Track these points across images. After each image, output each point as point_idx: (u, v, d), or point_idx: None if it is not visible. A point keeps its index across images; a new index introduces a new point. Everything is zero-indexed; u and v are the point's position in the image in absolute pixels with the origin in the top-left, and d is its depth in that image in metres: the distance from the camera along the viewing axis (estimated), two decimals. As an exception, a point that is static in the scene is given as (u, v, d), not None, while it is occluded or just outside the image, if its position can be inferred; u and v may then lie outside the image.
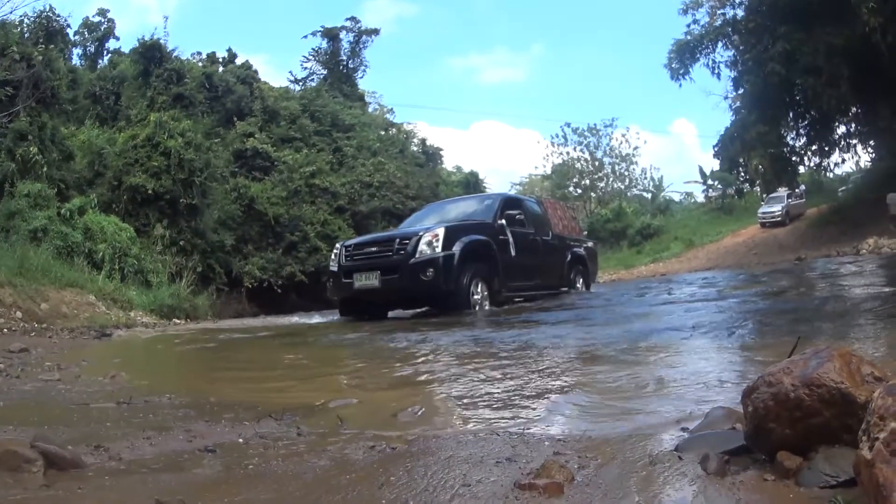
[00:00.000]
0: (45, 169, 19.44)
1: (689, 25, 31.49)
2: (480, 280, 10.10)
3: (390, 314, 11.02)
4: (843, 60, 24.13)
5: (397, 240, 10.16)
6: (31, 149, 19.38)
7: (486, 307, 10.09)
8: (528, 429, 2.60)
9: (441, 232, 9.75)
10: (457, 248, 9.71)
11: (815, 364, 1.80)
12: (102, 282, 15.34)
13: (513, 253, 10.78)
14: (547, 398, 3.23)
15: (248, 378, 5.05)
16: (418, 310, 11.10)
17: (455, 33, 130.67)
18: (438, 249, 9.56)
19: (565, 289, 13.01)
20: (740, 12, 29.89)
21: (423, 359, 4.96)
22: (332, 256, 11.23)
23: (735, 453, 1.92)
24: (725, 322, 5.97)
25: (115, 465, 2.21)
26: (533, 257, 11.74)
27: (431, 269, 9.48)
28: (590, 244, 15.52)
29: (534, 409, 3.02)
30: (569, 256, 13.39)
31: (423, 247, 9.62)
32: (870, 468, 1.33)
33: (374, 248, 10.38)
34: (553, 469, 1.86)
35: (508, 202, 12.01)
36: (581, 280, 13.89)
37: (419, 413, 3.00)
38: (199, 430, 2.79)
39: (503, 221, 10.98)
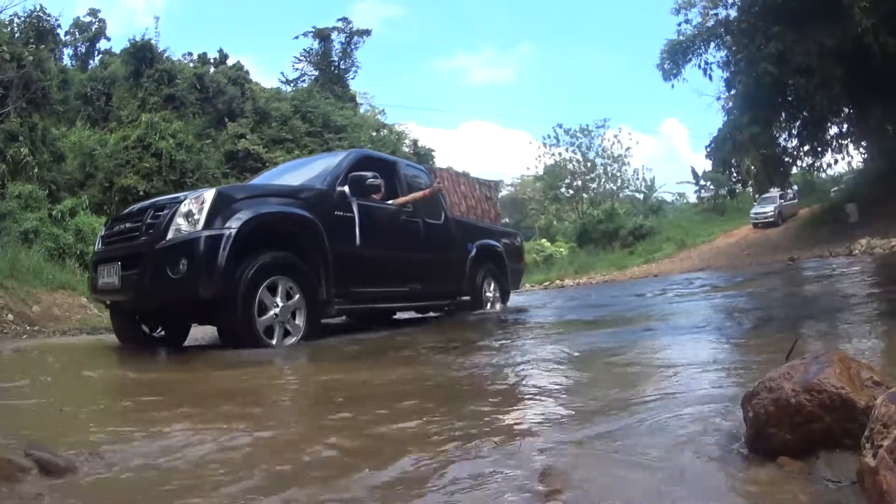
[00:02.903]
0: (36, 170, 19.43)
1: (680, 25, 31.54)
2: (287, 282, 6.16)
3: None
4: (836, 61, 24.20)
5: (150, 211, 6.24)
6: (22, 150, 19.36)
7: (298, 335, 6.19)
8: None
9: (209, 197, 5.91)
10: (233, 226, 5.83)
11: (815, 369, 1.80)
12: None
13: (358, 240, 7.05)
14: None
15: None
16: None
17: (442, 34, 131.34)
18: (199, 226, 5.75)
19: (466, 298, 9.40)
20: (733, 13, 29.93)
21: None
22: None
23: (735, 458, 1.91)
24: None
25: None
26: (404, 249, 8.20)
27: (185, 261, 5.65)
28: (512, 237, 11.49)
29: None
30: (473, 252, 9.54)
31: (179, 221, 5.85)
32: (873, 475, 1.32)
33: (124, 226, 6.60)
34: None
35: (363, 162, 7.95)
36: (493, 287, 10.10)
37: None
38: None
39: (346, 189, 7.18)
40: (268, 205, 6.46)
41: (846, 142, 32.98)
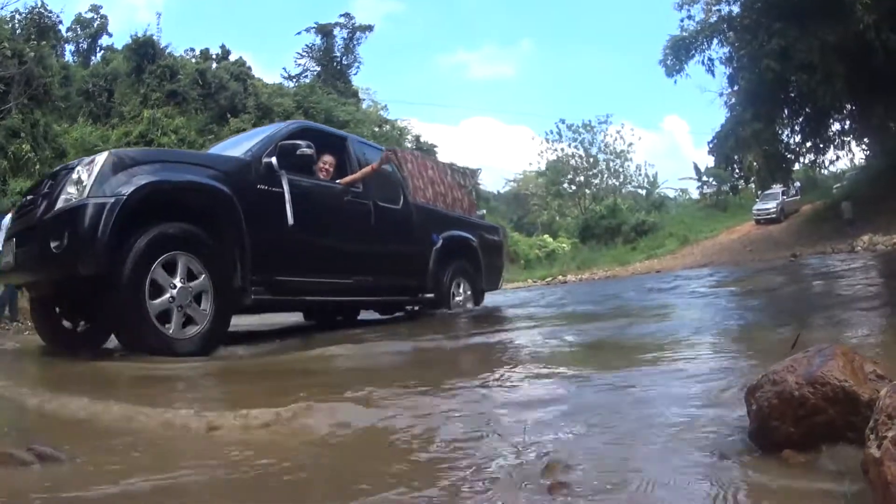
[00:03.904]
0: (37, 166, 19.44)
1: (682, 21, 31.50)
2: (190, 260, 5.23)
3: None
4: (838, 58, 24.21)
5: (48, 181, 5.48)
6: (24, 146, 19.37)
7: (202, 324, 5.22)
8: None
9: (100, 160, 5.03)
10: (123, 192, 4.91)
11: (818, 362, 1.79)
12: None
13: (290, 220, 6.15)
14: None
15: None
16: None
17: (443, 30, 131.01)
18: (86, 193, 4.85)
19: (430, 296, 8.41)
20: (735, 8, 29.92)
21: None
22: None
23: (739, 451, 1.91)
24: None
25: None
26: (349, 235, 7.21)
27: (67, 233, 4.81)
28: (490, 231, 10.39)
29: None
30: (439, 243, 8.54)
31: (69, 189, 4.99)
32: (878, 466, 1.32)
33: (27, 198, 5.82)
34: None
35: (303, 133, 6.98)
36: (464, 285, 9.14)
37: None
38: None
39: (273, 161, 6.22)
40: (170, 172, 5.46)
41: (848, 138, 33.05)
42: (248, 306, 6.11)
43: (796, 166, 34.20)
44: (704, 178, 55.12)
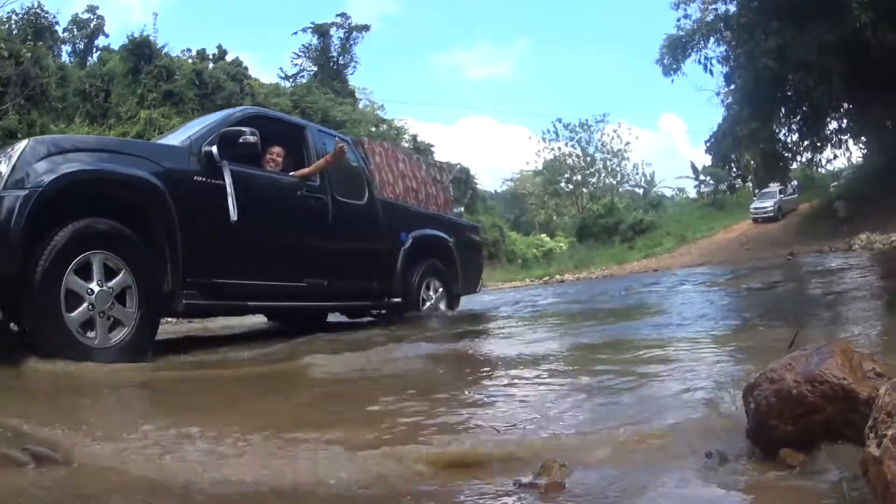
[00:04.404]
0: (34, 167, 19.37)
1: (679, 20, 31.50)
2: (111, 258, 4.67)
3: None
4: (835, 56, 24.20)
5: None
6: (21, 146, 19.31)
7: (129, 325, 4.70)
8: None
9: (19, 148, 4.64)
10: (41, 183, 4.45)
11: (816, 360, 1.79)
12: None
13: (232, 215, 5.50)
14: None
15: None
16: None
17: (438, 29, 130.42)
18: (1, 184, 4.45)
19: (397, 300, 7.66)
20: (732, 7, 29.90)
21: None
22: None
23: (737, 450, 1.90)
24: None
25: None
26: (301, 233, 6.58)
27: None
28: (468, 230, 9.67)
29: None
30: (409, 242, 7.81)
31: None
32: (878, 465, 1.31)
33: None
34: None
35: (250, 120, 6.34)
36: (436, 288, 8.34)
37: None
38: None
39: (213, 150, 5.58)
40: (95, 161, 4.91)
41: (845, 137, 33.04)
42: (181, 312, 5.65)
43: (793, 165, 34.16)
44: (702, 177, 55.14)
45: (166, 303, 5.24)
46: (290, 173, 6.71)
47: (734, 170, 33.10)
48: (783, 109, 30.30)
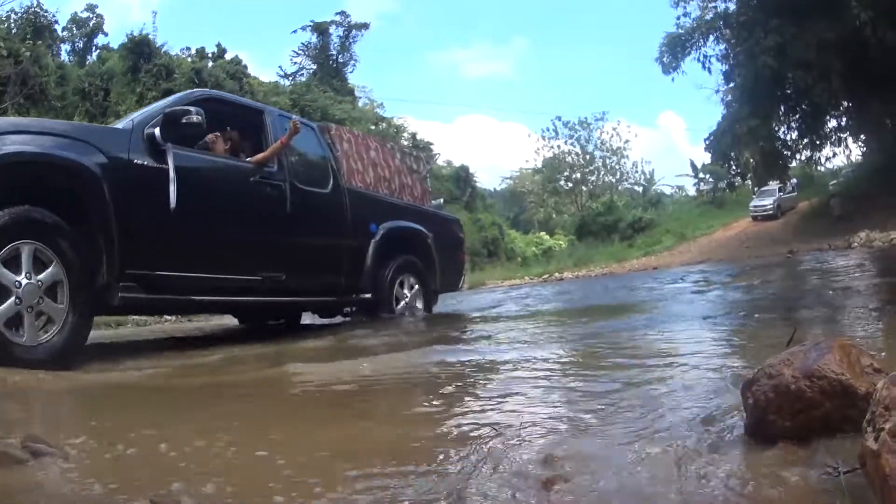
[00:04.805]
0: (34, 165, 19.38)
1: (678, 18, 31.50)
2: (38, 249, 4.31)
3: None
4: (835, 54, 24.22)
5: None
6: (20, 145, 19.30)
7: (61, 321, 4.39)
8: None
9: None
10: None
11: (815, 356, 1.79)
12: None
13: (173, 202, 5.11)
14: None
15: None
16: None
17: (437, 27, 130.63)
18: None
19: (367, 296, 7.17)
20: (731, 5, 29.95)
21: None
22: None
23: (735, 445, 1.91)
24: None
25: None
26: (256, 222, 6.16)
27: None
28: (447, 223, 9.18)
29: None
30: (379, 234, 7.29)
31: None
32: (876, 459, 1.31)
33: None
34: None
35: (201, 102, 5.78)
36: (412, 286, 7.76)
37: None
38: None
39: (156, 132, 5.20)
40: (23, 144, 4.53)
41: (845, 135, 33.08)
42: (117, 307, 5.13)
43: (793, 163, 34.18)
44: (701, 175, 55.16)
45: (101, 297, 4.85)
46: (248, 159, 6.30)
47: (734, 168, 33.13)
48: (783, 107, 30.32)
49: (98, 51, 36.13)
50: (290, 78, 46.75)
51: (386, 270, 7.33)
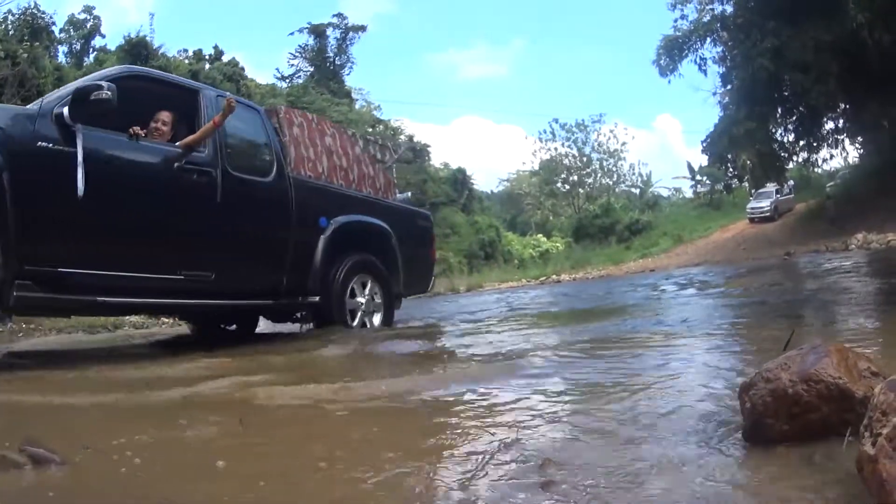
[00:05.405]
0: (31, 167, 19.35)
1: (676, 21, 31.50)
2: None
3: None
4: (832, 56, 24.22)
5: None
6: (17, 147, 19.28)
7: None
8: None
9: None
10: None
11: (812, 359, 1.80)
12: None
13: (80, 189, 4.51)
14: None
15: None
16: None
17: (433, 29, 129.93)
18: None
19: (315, 298, 6.38)
20: (729, 8, 29.94)
21: None
22: None
23: (733, 449, 1.91)
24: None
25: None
26: (180, 213, 5.47)
27: None
28: (414, 217, 8.35)
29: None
30: (331, 229, 6.51)
31: None
32: (873, 464, 1.32)
33: None
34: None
35: (125, 79, 5.36)
36: (371, 288, 6.86)
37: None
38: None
39: (64, 111, 4.63)
40: None
41: (842, 137, 33.01)
42: (11, 306, 4.58)
43: (790, 165, 34.16)
44: (698, 177, 55.15)
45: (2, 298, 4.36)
46: (177, 143, 5.58)
47: (730, 170, 33.12)
48: (779, 109, 30.30)
49: (95, 53, 36.13)
50: (288, 80, 46.81)
51: (338, 270, 6.49)
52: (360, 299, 6.72)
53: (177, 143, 5.53)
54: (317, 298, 6.36)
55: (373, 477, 1.90)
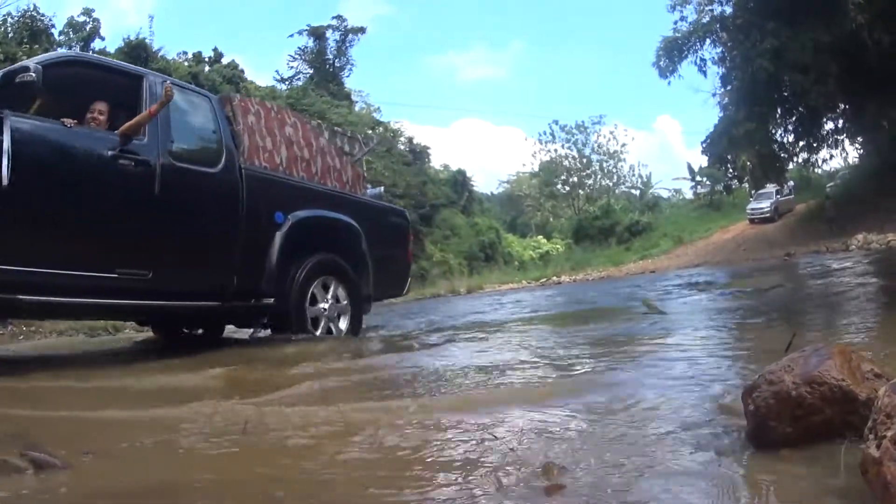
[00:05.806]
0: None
1: (676, 23, 31.52)
2: None
3: None
4: (831, 57, 24.24)
5: None
6: (17, 150, 19.30)
7: None
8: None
9: None
10: None
11: (815, 362, 1.79)
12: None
13: (5, 178, 4.26)
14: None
15: None
16: None
17: (432, 31, 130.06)
18: None
19: (269, 301, 5.93)
20: (728, 9, 29.95)
21: None
22: None
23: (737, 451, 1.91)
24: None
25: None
26: (114, 206, 5.06)
27: None
28: (387, 214, 7.91)
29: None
30: (287, 225, 6.01)
31: None
32: (877, 466, 1.31)
33: None
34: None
35: (63, 65, 5.34)
36: (336, 291, 6.39)
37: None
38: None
39: None
40: None
41: (842, 137, 33.05)
42: None
43: (790, 166, 34.19)
44: (698, 178, 55.09)
45: None
46: (116, 131, 5.20)
47: (730, 171, 33.16)
48: (779, 110, 30.32)
49: (95, 55, 36.12)
50: (287, 82, 46.79)
51: (297, 270, 6.00)
52: (323, 305, 6.24)
53: (115, 132, 5.20)
54: (272, 301, 5.90)
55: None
